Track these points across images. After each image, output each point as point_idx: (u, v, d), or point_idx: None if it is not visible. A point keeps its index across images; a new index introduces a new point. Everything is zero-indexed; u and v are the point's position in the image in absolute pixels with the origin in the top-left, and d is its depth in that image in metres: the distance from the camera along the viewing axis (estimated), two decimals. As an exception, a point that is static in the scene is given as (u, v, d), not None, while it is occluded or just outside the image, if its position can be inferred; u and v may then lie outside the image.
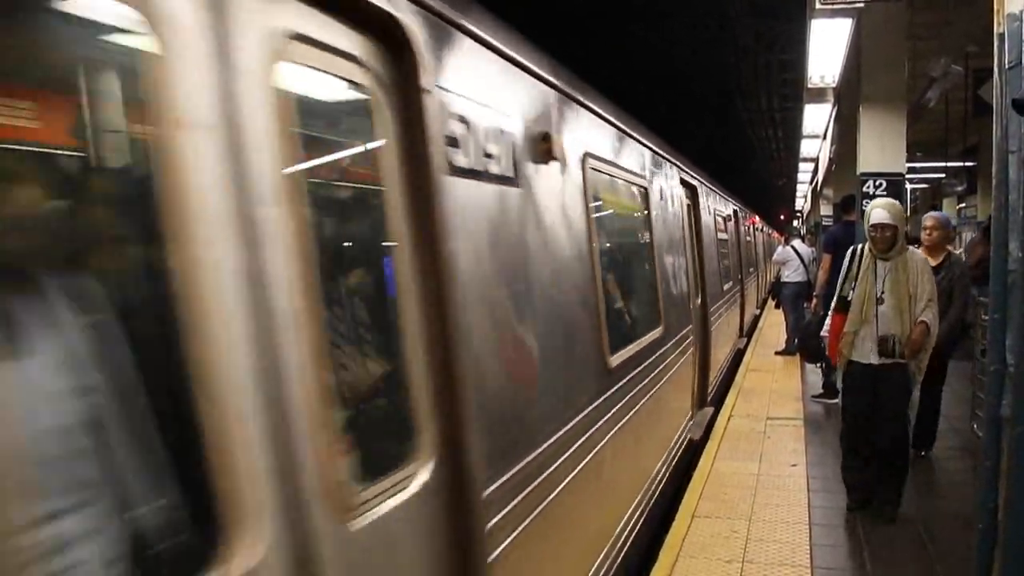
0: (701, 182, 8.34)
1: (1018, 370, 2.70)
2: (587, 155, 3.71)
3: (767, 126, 18.62)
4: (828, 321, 4.94)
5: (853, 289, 4.69)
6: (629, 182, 4.86)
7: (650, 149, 5.51)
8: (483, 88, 2.49)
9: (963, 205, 20.18)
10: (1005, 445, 2.76)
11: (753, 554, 4.27)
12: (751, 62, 11.49)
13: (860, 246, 4.80)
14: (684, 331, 6.00)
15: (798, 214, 38.33)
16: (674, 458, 5.56)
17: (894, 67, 8.17)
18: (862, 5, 5.99)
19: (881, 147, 8.23)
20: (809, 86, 8.64)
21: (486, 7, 2.61)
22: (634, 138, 4.99)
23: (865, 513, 4.81)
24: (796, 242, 11.60)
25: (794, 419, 7.31)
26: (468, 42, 2.41)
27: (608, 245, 4.31)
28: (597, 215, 3.83)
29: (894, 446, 4.72)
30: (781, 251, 11.81)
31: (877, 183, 8.07)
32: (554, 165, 3.09)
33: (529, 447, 2.61)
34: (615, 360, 3.84)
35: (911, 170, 11.81)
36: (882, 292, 4.57)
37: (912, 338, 4.52)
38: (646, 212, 5.31)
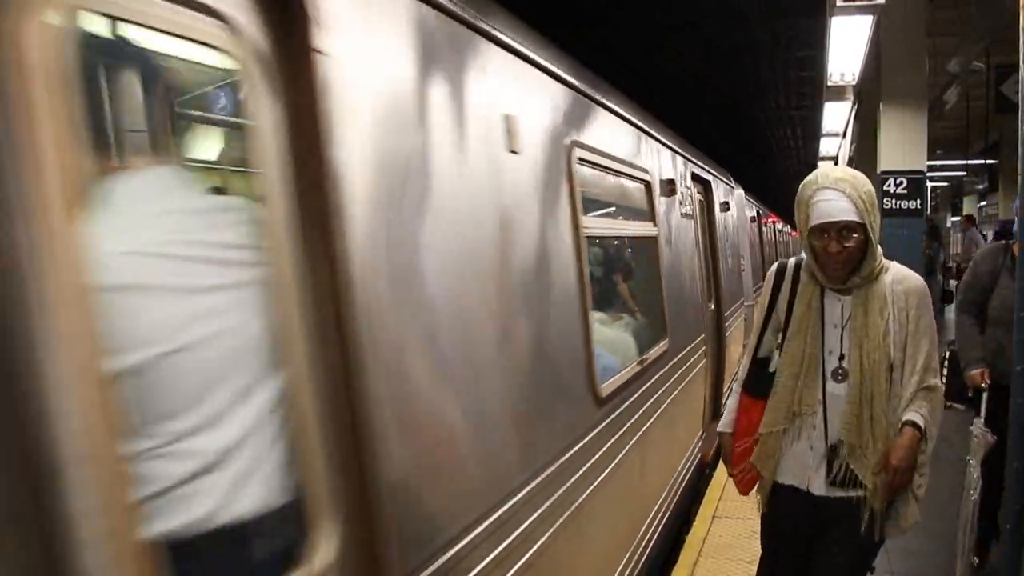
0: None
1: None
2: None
3: (785, 125, 18.49)
4: (732, 404, 2.64)
5: (779, 348, 2.49)
6: None
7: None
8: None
9: (984, 203, 19.99)
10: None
11: (774, 555, 4.23)
12: (769, 61, 11.42)
13: (790, 261, 2.54)
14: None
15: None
16: None
17: (914, 64, 8.09)
18: (883, 1, 5.93)
19: (902, 145, 8.16)
20: (829, 84, 8.57)
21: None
22: None
23: None
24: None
25: (814, 419, 7.21)
26: None
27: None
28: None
29: None
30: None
31: (898, 181, 8.00)
32: None
33: None
34: None
35: (931, 168, 11.66)
36: (841, 355, 2.34)
37: (893, 463, 2.23)
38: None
